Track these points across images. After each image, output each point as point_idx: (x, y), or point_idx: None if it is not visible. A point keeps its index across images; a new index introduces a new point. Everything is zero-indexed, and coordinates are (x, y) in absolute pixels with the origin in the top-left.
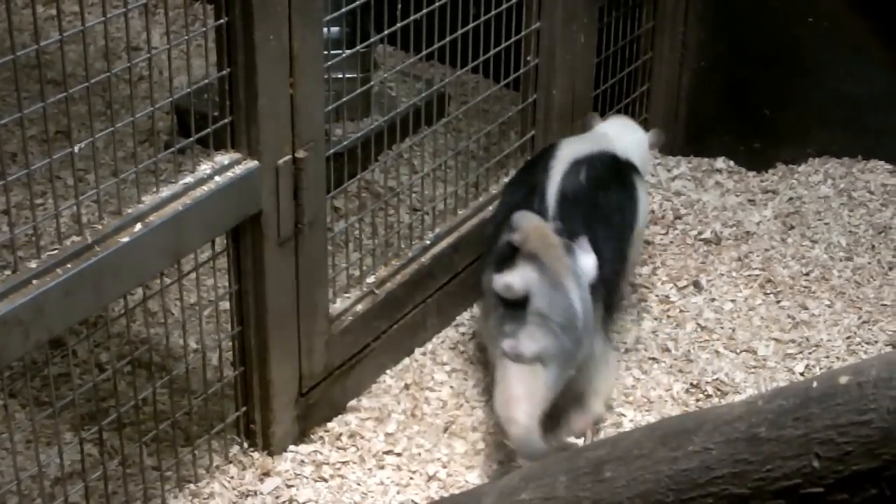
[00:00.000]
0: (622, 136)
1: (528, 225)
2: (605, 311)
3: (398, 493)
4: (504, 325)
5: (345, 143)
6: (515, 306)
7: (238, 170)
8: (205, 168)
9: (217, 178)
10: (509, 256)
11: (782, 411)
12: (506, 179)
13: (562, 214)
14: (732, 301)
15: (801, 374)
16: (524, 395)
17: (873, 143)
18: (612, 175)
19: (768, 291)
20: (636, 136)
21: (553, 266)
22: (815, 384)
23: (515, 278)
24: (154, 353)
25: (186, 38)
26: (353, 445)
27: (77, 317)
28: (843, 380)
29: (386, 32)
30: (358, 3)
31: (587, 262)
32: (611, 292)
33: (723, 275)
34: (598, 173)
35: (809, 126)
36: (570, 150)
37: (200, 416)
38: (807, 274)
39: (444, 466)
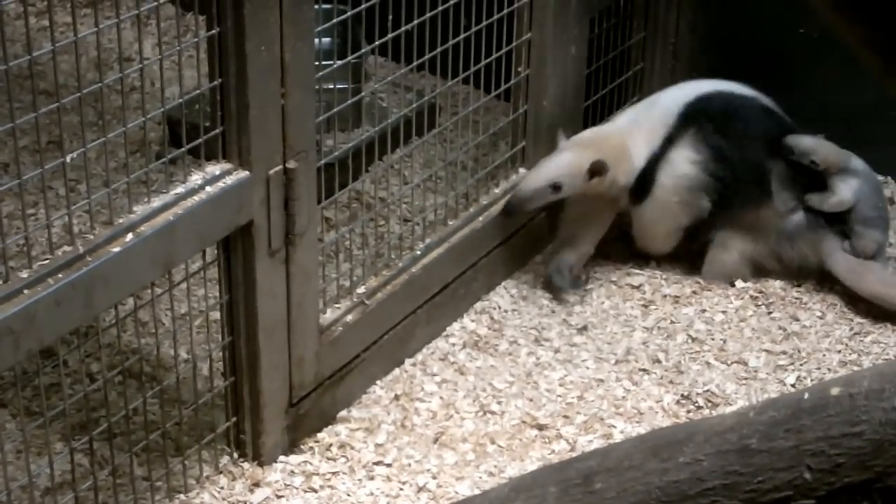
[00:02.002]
0: None
1: (819, 145)
2: None
3: (388, 503)
4: (831, 237)
5: (336, 153)
6: (836, 217)
7: (229, 180)
8: (196, 178)
9: (208, 189)
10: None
11: (773, 423)
12: (496, 191)
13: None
14: (723, 312)
15: (793, 385)
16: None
17: (863, 155)
18: None
19: (760, 303)
20: None
21: (863, 172)
22: (806, 395)
23: (846, 195)
24: (145, 363)
25: (178, 48)
26: (343, 456)
27: (68, 327)
28: (835, 391)
29: (377, 43)
30: (349, 14)
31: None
32: None
33: (714, 286)
34: None
35: None
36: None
37: (191, 427)
38: (798, 285)
39: (434, 477)
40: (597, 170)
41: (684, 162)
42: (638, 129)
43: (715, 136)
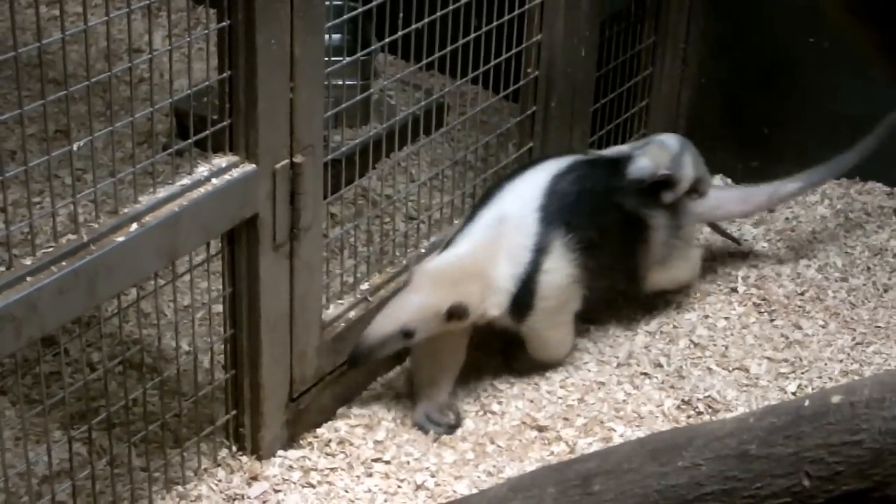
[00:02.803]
0: None
1: (648, 156)
2: None
3: (386, 501)
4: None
5: (343, 149)
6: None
7: (235, 173)
8: (202, 170)
9: (214, 181)
10: None
11: (773, 429)
12: None
13: None
14: (726, 318)
15: (794, 393)
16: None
17: (871, 165)
18: None
19: (762, 310)
20: None
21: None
22: (807, 403)
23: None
24: (146, 354)
25: (188, 40)
26: (342, 452)
27: (70, 315)
28: (836, 399)
29: (387, 41)
30: (360, 10)
31: None
32: None
33: (717, 292)
34: None
35: (808, 146)
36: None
37: (190, 419)
38: (801, 293)
39: (433, 475)
40: (457, 314)
41: (561, 268)
42: (495, 250)
43: (580, 230)
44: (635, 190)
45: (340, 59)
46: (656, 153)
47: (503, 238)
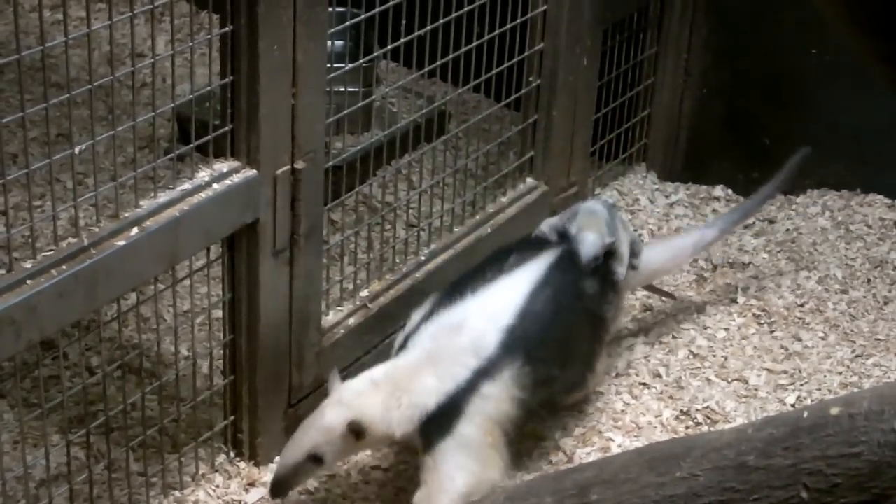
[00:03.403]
0: None
1: (593, 236)
2: None
3: None
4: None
5: (344, 156)
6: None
7: (236, 178)
8: (203, 175)
9: (215, 186)
10: None
11: (772, 440)
12: (503, 199)
13: None
14: (726, 329)
15: (793, 405)
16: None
17: (872, 177)
18: None
19: (762, 321)
20: None
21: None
22: (805, 414)
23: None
24: (145, 358)
25: (191, 45)
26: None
27: (69, 319)
28: (835, 411)
29: (389, 48)
30: (362, 17)
31: None
32: None
33: (717, 303)
34: None
35: (809, 157)
36: None
37: (188, 424)
38: (801, 305)
39: None
40: (354, 431)
41: (501, 399)
42: (434, 361)
43: (540, 365)
44: (592, 274)
45: (342, 65)
46: (591, 223)
47: (449, 348)
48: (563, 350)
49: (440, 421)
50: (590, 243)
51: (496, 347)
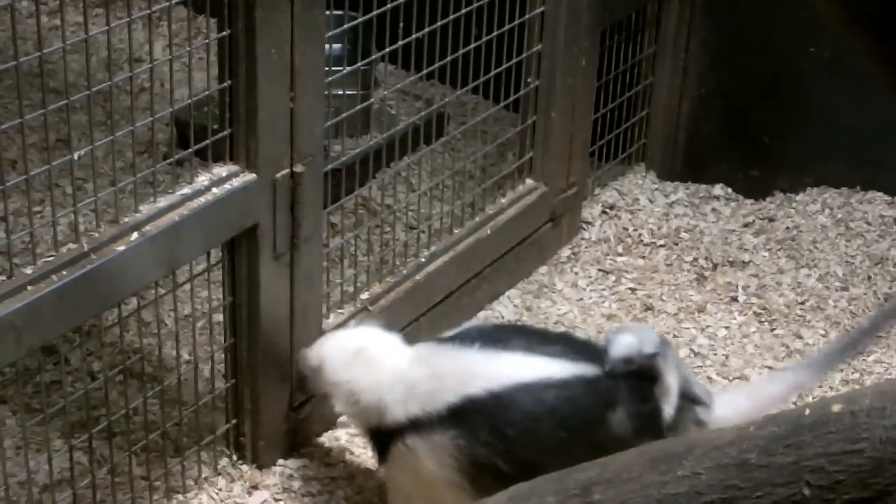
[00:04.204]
0: None
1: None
2: None
3: None
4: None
5: (343, 159)
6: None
7: (236, 182)
8: (202, 180)
9: (214, 190)
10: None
11: (774, 438)
12: (503, 201)
13: None
14: (726, 328)
15: (794, 403)
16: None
17: (872, 174)
18: None
19: (763, 319)
20: None
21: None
22: (807, 412)
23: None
24: (146, 363)
25: (189, 50)
26: (343, 461)
27: (70, 324)
28: (836, 408)
29: (387, 50)
30: (360, 20)
31: None
32: None
33: (717, 301)
34: None
35: (808, 155)
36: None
37: (190, 428)
38: (802, 303)
39: None
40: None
41: (429, 457)
42: (426, 362)
43: (485, 446)
44: (629, 405)
45: (341, 68)
46: (634, 329)
47: (440, 379)
48: (529, 455)
49: (386, 440)
50: (622, 344)
51: (445, 407)
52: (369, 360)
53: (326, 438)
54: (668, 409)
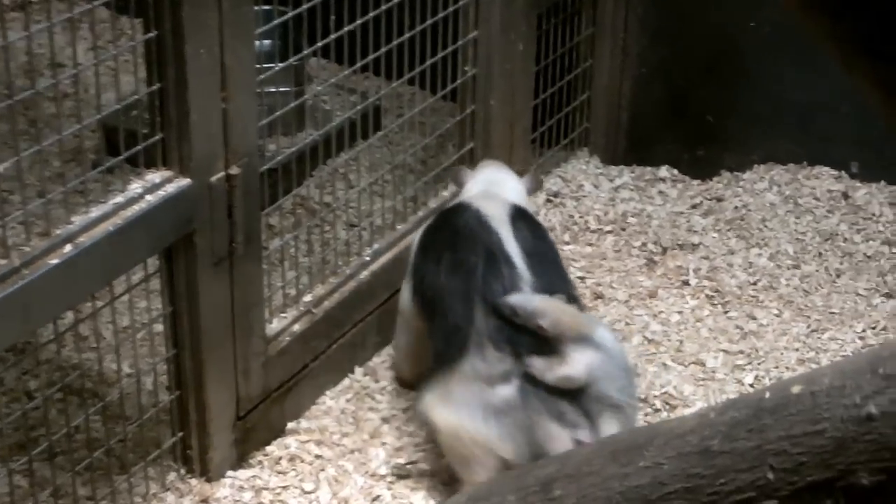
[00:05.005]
0: (505, 184)
1: (552, 308)
2: None
3: None
4: (566, 414)
5: (279, 158)
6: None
7: (170, 188)
8: (135, 187)
9: (148, 197)
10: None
11: (735, 423)
12: (444, 193)
13: (534, 274)
14: (679, 312)
15: (751, 385)
16: None
17: (818, 150)
18: (531, 221)
19: (715, 302)
20: (516, 183)
21: (606, 347)
22: (767, 395)
23: (578, 369)
24: (86, 379)
25: (114, 53)
26: (293, 469)
27: (4, 343)
28: (796, 389)
29: (319, 45)
30: (290, 15)
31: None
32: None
33: (669, 286)
34: (526, 224)
35: (754, 133)
36: (494, 211)
37: (136, 443)
38: (754, 283)
39: (389, 488)
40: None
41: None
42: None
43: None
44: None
45: (272, 65)
46: (564, 314)
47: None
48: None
49: None
50: (521, 298)
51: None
52: None
53: (276, 447)
54: (551, 374)
